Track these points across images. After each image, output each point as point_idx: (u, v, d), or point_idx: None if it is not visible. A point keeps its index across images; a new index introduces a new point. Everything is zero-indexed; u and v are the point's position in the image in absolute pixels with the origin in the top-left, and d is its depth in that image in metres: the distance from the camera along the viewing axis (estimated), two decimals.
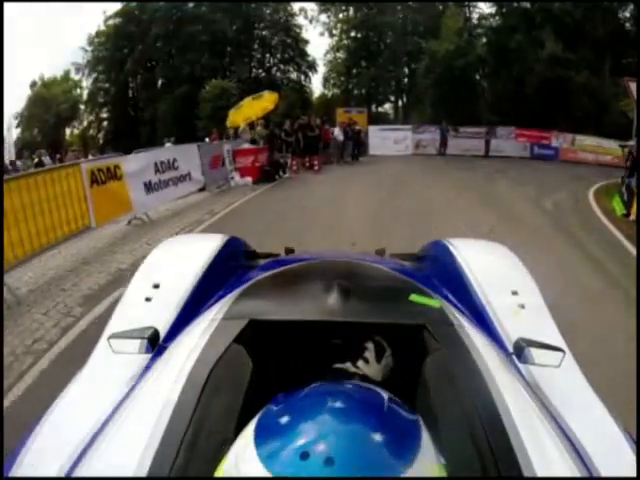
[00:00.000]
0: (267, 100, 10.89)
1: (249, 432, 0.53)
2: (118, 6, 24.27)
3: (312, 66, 24.99)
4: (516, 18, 20.54)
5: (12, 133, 23.56)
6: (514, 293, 1.40)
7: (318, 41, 45.19)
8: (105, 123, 27.93)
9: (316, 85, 25.82)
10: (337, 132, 13.76)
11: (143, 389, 0.89)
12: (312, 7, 24.05)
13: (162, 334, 1.14)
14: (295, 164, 11.81)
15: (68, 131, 27.99)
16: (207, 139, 11.68)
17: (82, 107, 27.38)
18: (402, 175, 10.99)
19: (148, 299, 1.38)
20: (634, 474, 0.81)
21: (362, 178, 10.58)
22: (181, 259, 1.62)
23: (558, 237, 5.59)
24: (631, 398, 1.76)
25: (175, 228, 6.24)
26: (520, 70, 19.37)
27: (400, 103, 24.47)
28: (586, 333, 2.57)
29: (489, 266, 1.59)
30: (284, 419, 0.53)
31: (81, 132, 27.81)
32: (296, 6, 24.53)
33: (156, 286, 1.42)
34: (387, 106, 25.30)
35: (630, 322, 2.82)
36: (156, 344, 1.08)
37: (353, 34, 23.20)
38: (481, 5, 21.58)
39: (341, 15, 23.00)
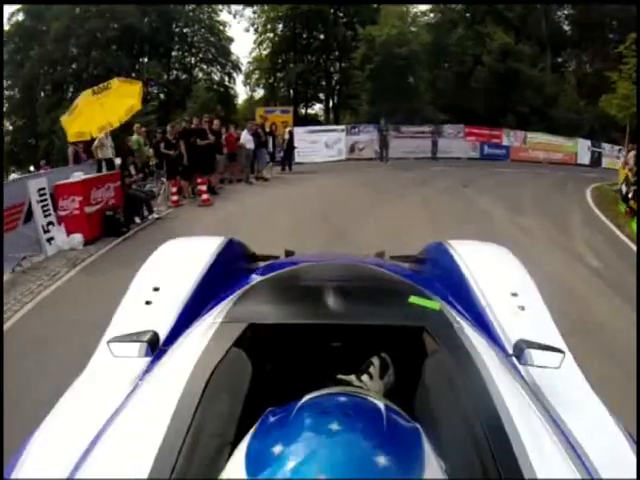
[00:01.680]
0: (125, 93, 6.53)
1: (239, 460, 0.53)
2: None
3: (236, 66, 22.49)
4: (455, 13, 19.25)
5: None
6: (514, 294, 1.40)
7: (243, 38, 42.88)
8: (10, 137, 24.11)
9: (242, 87, 23.33)
10: (244, 137, 9.95)
11: (143, 392, 0.90)
12: None
13: (162, 337, 1.15)
14: (177, 192, 8.25)
15: None
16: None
17: None
18: (341, 201, 7.76)
19: (148, 302, 1.38)
20: (634, 475, 0.82)
21: (279, 212, 7.03)
22: (181, 262, 1.61)
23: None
24: None
25: None
26: (466, 64, 17.90)
27: (331, 103, 22.17)
28: None
29: (489, 267, 1.58)
30: (277, 447, 0.52)
31: None
32: None
33: (156, 289, 1.42)
34: (317, 107, 23.17)
35: None
36: (156, 347, 1.08)
37: (281, 26, 20.66)
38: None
39: (266, 7, 20.37)
